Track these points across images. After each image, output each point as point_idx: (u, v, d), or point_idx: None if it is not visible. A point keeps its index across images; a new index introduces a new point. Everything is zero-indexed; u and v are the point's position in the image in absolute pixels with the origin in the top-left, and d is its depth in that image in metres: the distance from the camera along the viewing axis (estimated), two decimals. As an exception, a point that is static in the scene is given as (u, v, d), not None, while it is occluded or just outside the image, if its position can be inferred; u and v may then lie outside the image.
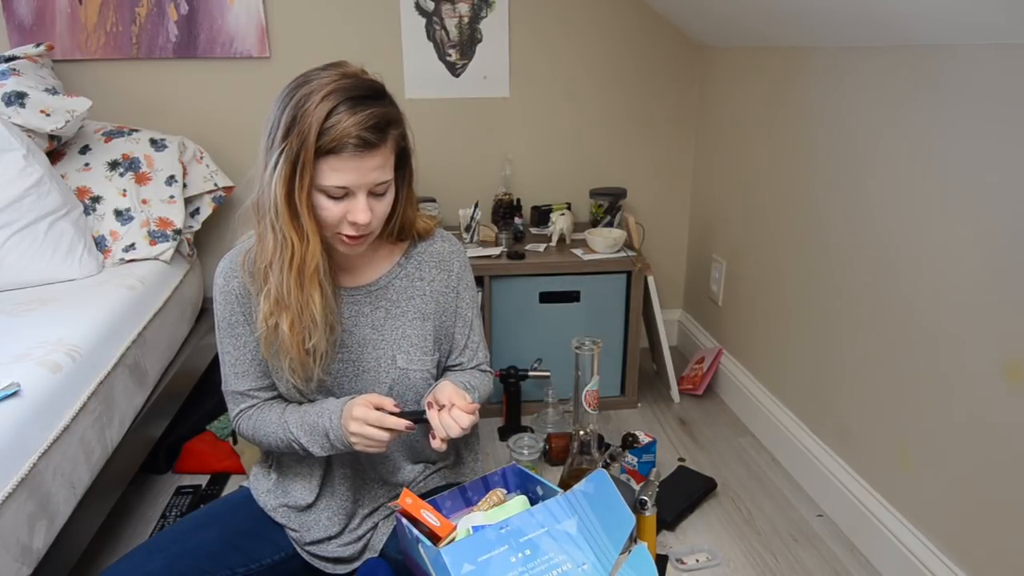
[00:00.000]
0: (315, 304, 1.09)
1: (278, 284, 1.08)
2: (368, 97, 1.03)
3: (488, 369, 1.34)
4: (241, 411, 1.22)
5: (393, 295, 1.22)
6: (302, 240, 1.05)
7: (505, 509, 1.06)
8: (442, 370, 1.29)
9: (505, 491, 1.15)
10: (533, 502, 1.10)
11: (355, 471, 1.25)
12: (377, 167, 1.04)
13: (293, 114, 1.01)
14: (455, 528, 1.05)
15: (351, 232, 1.07)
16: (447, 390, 1.10)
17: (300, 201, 1.03)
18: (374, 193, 1.07)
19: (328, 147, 0.99)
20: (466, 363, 1.29)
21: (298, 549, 1.23)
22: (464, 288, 1.27)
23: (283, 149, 1.01)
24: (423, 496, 1.18)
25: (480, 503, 1.11)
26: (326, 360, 1.15)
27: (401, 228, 1.21)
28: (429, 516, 1.05)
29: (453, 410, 1.07)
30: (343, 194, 1.04)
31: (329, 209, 1.05)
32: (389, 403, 1.09)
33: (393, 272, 1.22)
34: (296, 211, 1.04)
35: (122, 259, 1.91)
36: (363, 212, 1.04)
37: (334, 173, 1.02)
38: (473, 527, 1.02)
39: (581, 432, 1.65)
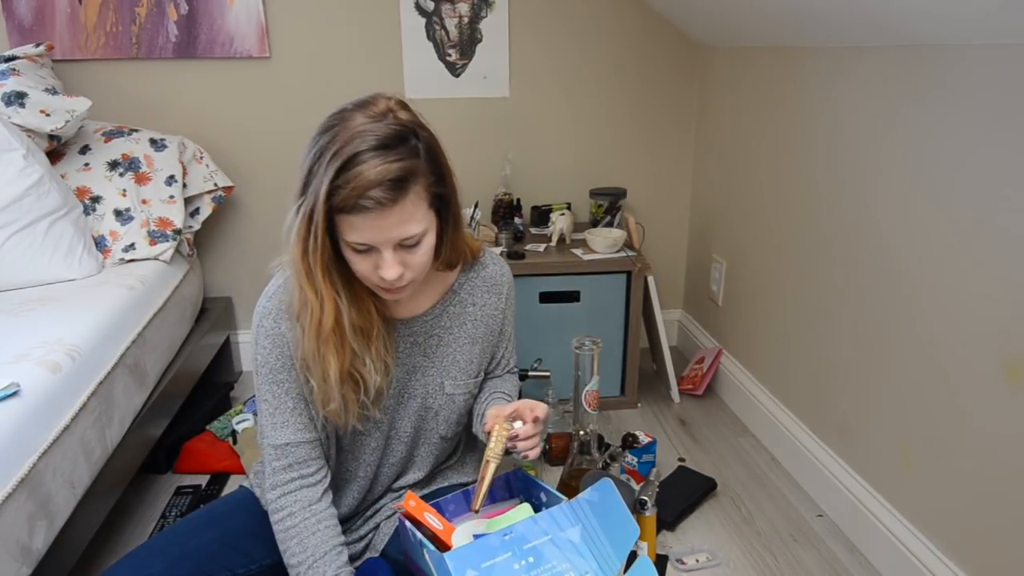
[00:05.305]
0: (330, 368, 1.04)
1: (303, 342, 1.05)
2: (386, 147, 0.93)
3: (515, 369, 1.37)
4: (283, 492, 1.12)
5: (446, 322, 1.20)
6: (318, 299, 1.01)
7: (509, 516, 1.07)
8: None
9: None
10: (537, 509, 1.10)
11: (360, 477, 1.24)
12: (398, 223, 0.96)
13: (310, 165, 0.95)
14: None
15: (385, 285, 1.02)
16: (507, 408, 1.12)
17: (315, 261, 0.98)
18: (404, 246, 1.00)
19: (340, 207, 0.93)
20: (500, 371, 1.32)
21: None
22: (509, 307, 1.28)
23: (301, 203, 0.96)
24: (426, 498, 1.18)
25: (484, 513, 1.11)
26: (377, 403, 1.14)
27: (451, 259, 1.15)
28: (432, 519, 1.05)
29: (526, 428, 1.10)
30: (368, 249, 0.99)
31: (358, 263, 1.00)
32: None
33: (447, 299, 1.21)
34: (311, 270, 0.99)
35: (122, 259, 1.91)
36: (390, 268, 0.98)
37: (353, 230, 0.96)
38: (474, 535, 1.02)
39: (581, 432, 1.65)
